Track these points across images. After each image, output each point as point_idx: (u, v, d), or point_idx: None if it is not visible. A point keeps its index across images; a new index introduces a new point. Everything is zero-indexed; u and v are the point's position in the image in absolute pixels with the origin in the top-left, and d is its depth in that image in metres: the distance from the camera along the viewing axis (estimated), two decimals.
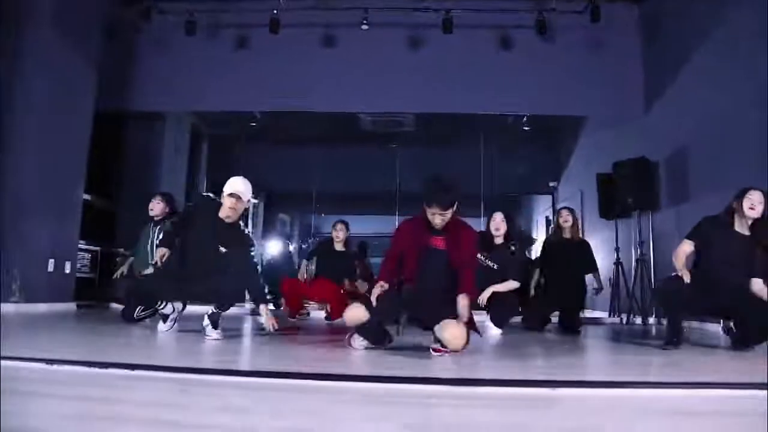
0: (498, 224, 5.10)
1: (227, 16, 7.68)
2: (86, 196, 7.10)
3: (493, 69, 7.60)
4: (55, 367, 2.24)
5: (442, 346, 3.07)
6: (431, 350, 3.10)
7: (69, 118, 6.46)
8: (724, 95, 5.75)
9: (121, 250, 7.31)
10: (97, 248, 7.55)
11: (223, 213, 3.84)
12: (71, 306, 6.35)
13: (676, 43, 6.79)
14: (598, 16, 6.67)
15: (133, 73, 7.78)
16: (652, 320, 6.74)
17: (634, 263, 7.15)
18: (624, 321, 6.95)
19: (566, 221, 5.58)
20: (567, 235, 5.59)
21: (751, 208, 3.64)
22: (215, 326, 3.75)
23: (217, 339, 3.69)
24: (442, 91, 7.65)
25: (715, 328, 4.67)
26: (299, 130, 10.69)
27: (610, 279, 7.88)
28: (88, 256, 7.35)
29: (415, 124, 10.47)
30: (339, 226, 6.07)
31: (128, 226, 7.77)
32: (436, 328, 3.02)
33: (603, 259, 8.16)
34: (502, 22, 7.36)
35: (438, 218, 3.17)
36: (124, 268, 5.47)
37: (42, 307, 5.81)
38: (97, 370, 2.23)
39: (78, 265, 6.86)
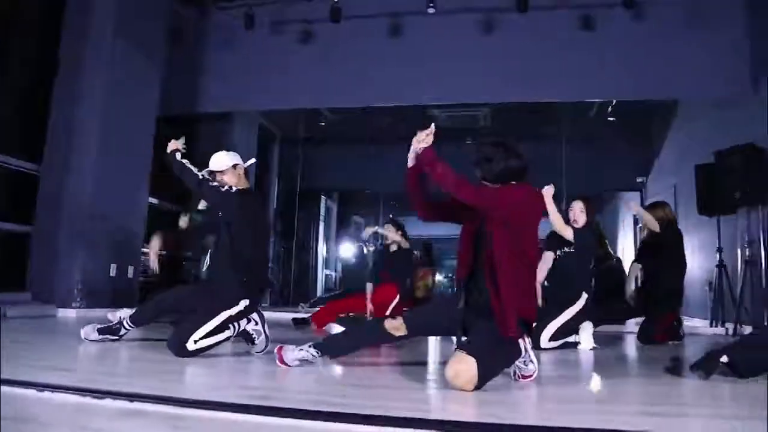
0: (576, 215, 4.48)
1: (289, 10, 7.44)
2: (153, 200, 7.05)
3: (574, 52, 6.90)
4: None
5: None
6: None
7: (133, 121, 6.44)
8: None
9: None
10: (163, 252, 7.48)
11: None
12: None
13: None
14: None
15: (199, 74, 7.70)
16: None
17: (741, 265, 6.27)
18: (729, 332, 6.10)
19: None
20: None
21: None
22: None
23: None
24: (518, 78, 7.07)
25: None
26: (371, 128, 10.39)
27: (711, 283, 7.03)
28: None
29: (491, 118, 9.92)
30: (386, 226, 5.79)
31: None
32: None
33: (703, 261, 7.31)
34: (582, 0, 6.67)
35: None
36: None
37: (101, 313, 5.72)
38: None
39: (143, 269, 6.79)
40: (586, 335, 4.33)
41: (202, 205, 4.70)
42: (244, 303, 3.26)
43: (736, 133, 6.33)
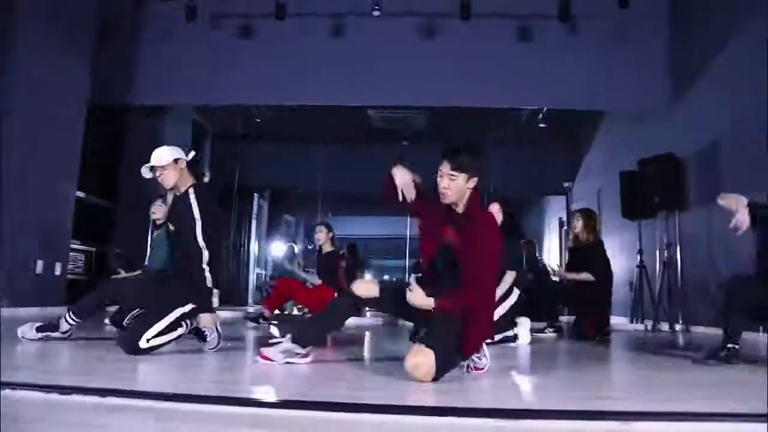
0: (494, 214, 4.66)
1: (230, 5, 7.31)
2: (80, 194, 6.75)
3: (510, 60, 7.14)
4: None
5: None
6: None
7: (60, 112, 6.14)
8: (760, 87, 5.33)
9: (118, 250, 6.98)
10: (93, 249, 7.20)
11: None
12: (62, 310, 5.98)
13: (707, 32, 6.36)
14: (627, 1, 6.24)
15: (136, 66, 7.41)
16: (678, 327, 6.32)
17: (659, 266, 6.73)
18: (649, 328, 6.54)
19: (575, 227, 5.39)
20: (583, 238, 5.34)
21: None
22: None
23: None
24: (455, 83, 7.23)
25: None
26: (305, 127, 10.36)
27: (631, 283, 7.50)
28: (82, 257, 6.99)
29: (426, 121, 10.11)
30: (318, 228, 6.13)
31: (127, 225, 7.48)
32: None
33: (624, 262, 7.77)
34: (521, 11, 6.94)
35: (445, 180, 2.59)
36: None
37: (28, 312, 5.41)
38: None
39: (71, 267, 6.50)
40: (523, 330, 4.53)
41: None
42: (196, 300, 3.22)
43: (658, 143, 6.79)
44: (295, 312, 7.25)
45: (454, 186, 2.59)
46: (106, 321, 4.29)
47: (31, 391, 1.86)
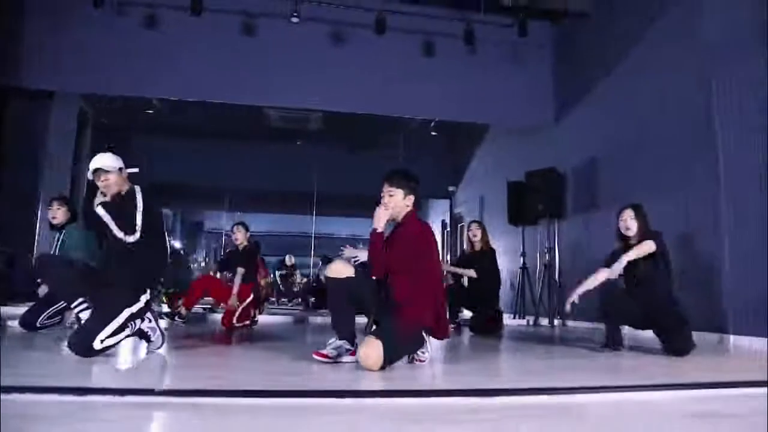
0: None
1: None
2: None
3: (412, 73, 7.55)
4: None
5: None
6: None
7: None
8: (630, 113, 6.25)
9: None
10: None
11: (100, 197, 3.31)
12: None
13: (586, 63, 7.25)
14: (526, 31, 6.92)
15: (23, 45, 6.88)
16: (557, 322, 7.12)
17: (541, 268, 7.51)
18: (531, 323, 7.29)
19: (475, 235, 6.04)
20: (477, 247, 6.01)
21: (628, 229, 4.00)
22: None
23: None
24: (355, 90, 7.54)
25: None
26: (200, 122, 10.16)
27: (512, 283, 8.30)
28: None
29: (323, 122, 10.34)
30: (235, 228, 6.22)
31: (6, 216, 6.97)
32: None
33: (507, 263, 8.54)
34: (429, 29, 7.39)
35: (386, 197, 3.13)
36: None
37: None
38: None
39: None
40: None
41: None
42: (144, 298, 3.26)
43: (543, 157, 7.58)
44: None
45: (393, 201, 3.12)
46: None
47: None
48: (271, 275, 8.26)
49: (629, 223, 3.99)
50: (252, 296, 5.84)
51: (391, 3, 7.20)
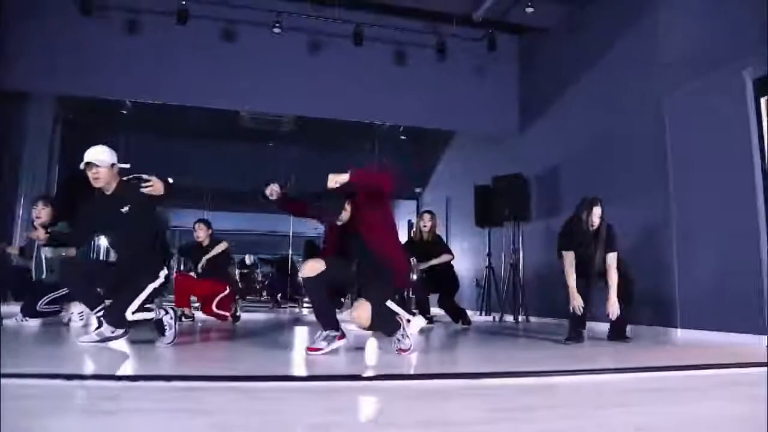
0: None
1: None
2: None
3: (383, 80, 7.90)
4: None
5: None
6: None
7: None
8: (588, 125, 6.79)
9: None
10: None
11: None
12: None
13: (548, 74, 7.77)
14: (495, 45, 7.37)
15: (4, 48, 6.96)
16: (521, 318, 7.59)
17: (506, 267, 7.98)
18: (496, 319, 7.74)
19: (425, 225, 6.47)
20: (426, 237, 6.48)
21: (593, 224, 4.56)
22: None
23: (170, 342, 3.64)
24: (331, 97, 7.78)
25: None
26: (172, 121, 10.28)
27: (477, 281, 8.79)
28: None
29: (294, 125, 10.58)
30: (197, 225, 6.42)
31: None
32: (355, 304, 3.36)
33: (473, 262, 9.02)
34: (403, 39, 7.77)
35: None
36: None
37: None
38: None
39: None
40: (416, 324, 5.35)
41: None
42: (163, 274, 3.65)
43: (508, 163, 8.05)
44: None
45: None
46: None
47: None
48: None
49: (596, 219, 4.52)
50: (229, 289, 6.10)
51: (368, 15, 7.53)
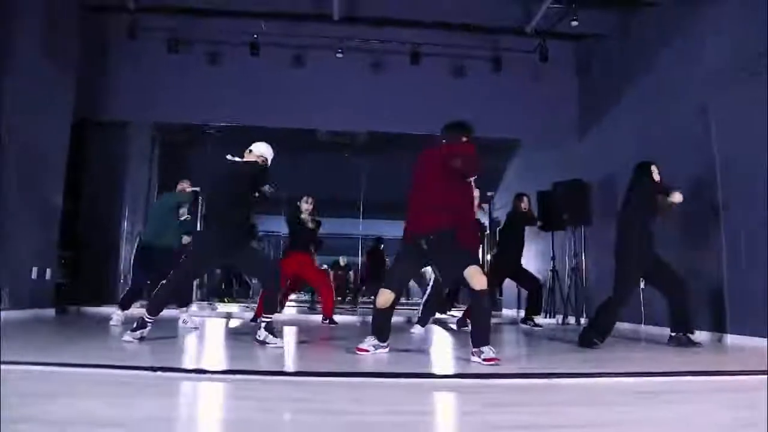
0: None
1: (200, 32, 8.05)
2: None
3: (444, 93, 8.27)
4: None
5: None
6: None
7: (48, 125, 6.66)
8: (645, 130, 6.83)
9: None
10: (67, 253, 7.73)
11: None
12: (51, 311, 6.59)
13: (604, 80, 7.87)
14: (546, 57, 7.58)
15: (106, 84, 8.01)
16: (583, 321, 7.70)
17: (568, 271, 8.11)
18: (559, 322, 7.90)
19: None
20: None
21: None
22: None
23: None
24: (395, 112, 8.33)
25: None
26: (255, 138, 11.08)
27: (544, 284, 8.92)
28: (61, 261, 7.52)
29: (368, 137, 11.16)
30: (305, 198, 7.11)
31: (92, 229, 8.11)
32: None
33: (539, 266, 9.18)
34: (459, 53, 8.14)
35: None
36: None
37: (25, 314, 5.98)
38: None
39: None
40: None
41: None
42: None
43: (567, 169, 8.18)
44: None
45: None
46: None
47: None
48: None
49: None
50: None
51: (424, 33, 7.95)
